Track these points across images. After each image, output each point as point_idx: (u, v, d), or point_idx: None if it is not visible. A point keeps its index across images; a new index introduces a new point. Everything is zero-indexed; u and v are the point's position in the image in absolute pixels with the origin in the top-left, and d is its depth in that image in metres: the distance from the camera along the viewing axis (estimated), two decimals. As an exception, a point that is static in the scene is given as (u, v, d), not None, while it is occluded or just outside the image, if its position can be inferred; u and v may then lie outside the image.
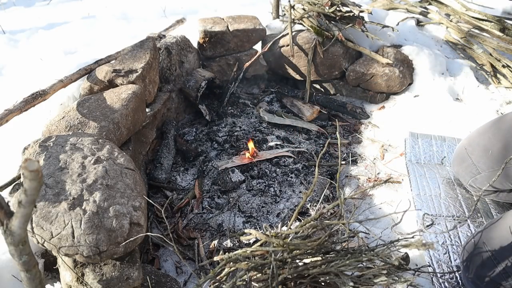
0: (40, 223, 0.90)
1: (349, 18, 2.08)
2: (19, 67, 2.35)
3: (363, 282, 0.73)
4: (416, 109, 1.96)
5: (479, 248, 1.00)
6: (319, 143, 1.84)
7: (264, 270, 0.75)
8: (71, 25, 3.23)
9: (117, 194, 1.01)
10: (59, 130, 1.26)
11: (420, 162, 1.61)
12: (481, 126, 1.38)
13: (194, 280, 1.21)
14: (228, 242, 1.31)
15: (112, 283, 0.91)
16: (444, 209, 1.36)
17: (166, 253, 1.31)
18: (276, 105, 2.17)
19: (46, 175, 1.00)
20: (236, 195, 1.49)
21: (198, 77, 1.97)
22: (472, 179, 1.35)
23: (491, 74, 2.26)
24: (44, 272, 1.11)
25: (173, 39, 1.97)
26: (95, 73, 1.56)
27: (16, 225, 0.59)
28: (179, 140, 1.80)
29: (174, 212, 1.45)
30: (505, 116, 1.30)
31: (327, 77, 2.24)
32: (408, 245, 0.71)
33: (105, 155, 1.11)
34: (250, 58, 2.17)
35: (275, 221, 1.39)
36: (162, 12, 3.40)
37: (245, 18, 2.24)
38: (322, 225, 0.80)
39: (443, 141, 1.72)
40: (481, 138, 1.32)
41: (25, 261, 0.65)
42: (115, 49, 1.80)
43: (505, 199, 1.33)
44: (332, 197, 1.52)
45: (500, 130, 1.26)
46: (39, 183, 0.53)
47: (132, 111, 1.40)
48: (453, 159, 1.45)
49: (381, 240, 0.86)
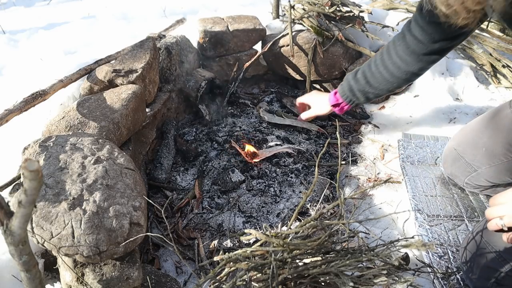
0: (40, 223, 0.90)
1: (349, 18, 2.08)
2: (19, 67, 2.34)
3: (363, 282, 0.73)
4: (416, 109, 1.96)
5: (482, 248, 0.99)
6: (319, 143, 1.84)
7: (264, 270, 0.75)
8: (71, 25, 3.22)
9: (117, 194, 1.01)
10: (59, 130, 1.26)
11: (414, 163, 1.61)
12: (466, 125, 1.39)
13: (194, 280, 1.21)
14: (228, 242, 1.31)
15: (112, 283, 0.91)
16: (442, 209, 1.36)
17: (166, 253, 1.31)
18: (276, 105, 2.17)
19: (46, 175, 1.00)
20: (236, 195, 1.49)
21: (198, 77, 1.97)
22: (467, 178, 1.35)
23: (491, 74, 2.26)
24: (44, 272, 1.11)
25: (173, 39, 1.97)
26: (95, 73, 1.56)
27: (16, 225, 0.59)
28: (179, 140, 1.80)
29: (174, 212, 1.45)
30: (490, 112, 1.30)
31: (327, 77, 2.24)
32: (408, 245, 0.71)
33: (105, 155, 1.11)
34: (250, 58, 2.17)
35: (275, 221, 1.39)
36: (162, 12, 3.39)
37: (245, 18, 2.24)
38: (322, 225, 0.80)
39: (436, 141, 1.73)
40: (470, 136, 1.33)
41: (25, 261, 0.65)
42: (115, 49, 1.79)
43: None
44: (332, 197, 1.52)
45: (489, 126, 1.27)
46: (39, 183, 0.53)
47: (132, 111, 1.40)
48: (444, 161, 1.45)
49: (381, 240, 0.86)
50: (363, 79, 1.36)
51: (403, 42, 1.23)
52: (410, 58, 1.21)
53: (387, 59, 1.27)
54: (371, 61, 1.36)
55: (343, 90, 1.46)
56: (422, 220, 1.31)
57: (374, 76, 1.33)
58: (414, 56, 1.20)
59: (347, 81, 1.43)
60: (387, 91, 1.37)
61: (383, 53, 1.30)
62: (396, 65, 1.25)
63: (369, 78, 1.34)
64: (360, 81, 1.37)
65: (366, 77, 1.35)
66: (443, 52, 1.21)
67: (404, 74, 1.26)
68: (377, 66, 1.31)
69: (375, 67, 1.32)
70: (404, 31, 1.23)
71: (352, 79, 1.40)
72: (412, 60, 1.21)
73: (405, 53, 1.22)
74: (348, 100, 1.45)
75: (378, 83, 1.32)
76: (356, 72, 1.41)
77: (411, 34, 1.18)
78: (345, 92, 1.45)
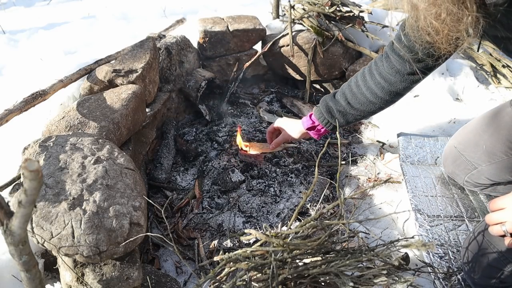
0: (40, 223, 0.90)
1: (349, 18, 2.08)
2: (19, 67, 2.34)
3: (363, 282, 0.73)
4: (416, 109, 1.96)
5: (484, 248, 0.99)
6: (319, 143, 1.84)
7: (264, 270, 0.75)
8: (71, 25, 3.23)
9: (117, 194, 1.01)
10: (59, 130, 1.26)
11: (414, 163, 1.61)
12: (467, 124, 1.39)
13: (194, 280, 1.21)
14: (228, 242, 1.31)
15: (112, 283, 0.91)
16: (442, 210, 1.36)
17: (166, 253, 1.31)
18: (276, 105, 2.17)
19: (46, 175, 1.00)
20: (236, 195, 1.49)
21: (198, 77, 1.97)
22: (468, 176, 1.36)
23: (491, 74, 2.26)
24: (44, 272, 1.11)
25: (173, 39, 1.97)
26: (95, 73, 1.56)
27: (16, 225, 0.59)
28: (179, 140, 1.80)
29: (174, 212, 1.45)
30: (490, 111, 1.31)
31: (327, 77, 2.24)
32: (408, 245, 0.71)
33: (105, 155, 1.11)
34: (250, 58, 2.17)
35: (275, 221, 1.39)
36: (162, 12, 3.39)
37: (245, 18, 2.24)
38: (322, 225, 0.80)
39: (436, 141, 1.73)
40: (471, 135, 1.33)
41: (25, 261, 0.65)
42: (115, 49, 1.80)
43: (502, 191, 1.33)
44: (332, 197, 1.52)
45: (489, 124, 1.27)
46: (39, 183, 0.53)
47: (132, 111, 1.40)
48: (444, 159, 1.45)
49: (381, 240, 0.86)
50: (344, 100, 1.29)
51: (386, 62, 1.20)
52: (395, 78, 1.19)
53: (370, 79, 1.24)
54: (351, 82, 1.29)
55: (320, 112, 1.34)
56: (423, 221, 1.31)
57: (356, 96, 1.27)
58: (399, 76, 1.18)
59: (324, 103, 1.34)
60: (369, 113, 1.30)
61: (365, 73, 1.26)
62: (380, 86, 1.21)
63: (349, 99, 1.28)
64: (339, 102, 1.30)
65: (347, 98, 1.28)
66: (428, 70, 1.18)
67: (388, 95, 1.22)
68: (359, 87, 1.26)
69: (357, 88, 1.27)
70: (387, 52, 1.21)
71: (330, 100, 1.32)
72: (396, 80, 1.19)
73: (389, 73, 1.19)
74: (325, 123, 1.34)
75: (360, 103, 1.26)
76: (334, 94, 1.34)
77: (396, 54, 1.16)
78: (322, 114, 1.34)
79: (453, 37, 0.81)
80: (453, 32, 0.79)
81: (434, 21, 0.78)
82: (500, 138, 1.23)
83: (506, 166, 1.24)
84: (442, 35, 0.81)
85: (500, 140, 1.23)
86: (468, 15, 0.74)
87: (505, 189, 1.32)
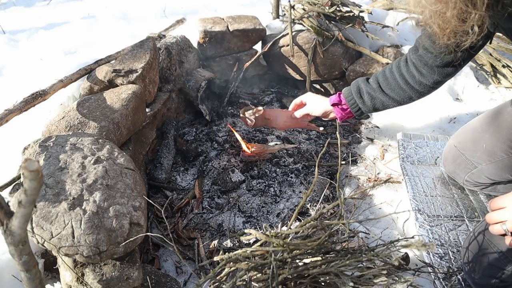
0: (40, 223, 0.90)
1: (349, 18, 2.08)
2: (19, 67, 2.34)
3: (363, 282, 0.73)
4: (416, 109, 1.96)
5: (484, 248, 0.99)
6: (319, 143, 1.84)
7: (264, 270, 0.75)
8: (71, 25, 3.22)
9: (117, 194, 1.01)
10: (59, 130, 1.26)
11: (414, 163, 1.61)
12: (467, 124, 1.39)
13: (194, 280, 1.21)
14: (228, 242, 1.31)
15: (112, 283, 0.91)
16: (442, 210, 1.36)
17: (166, 253, 1.31)
18: (276, 105, 2.17)
19: (46, 175, 1.00)
20: (236, 195, 1.49)
21: (198, 77, 1.97)
22: (468, 175, 1.36)
23: (491, 74, 2.26)
24: (44, 272, 1.11)
25: (173, 39, 1.97)
26: (95, 73, 1.56)
27: (16, 225, 0.59)
28: (179, 140, 1.80)
29: (174, 212, 1.45)
30: (490, 111, 1.31)
31: (327, 77, 2.24)
32: (408, 245, 0.71)
33: (105, 155, 1.11)
34: (250, 58, 2.17)
35: (275, 221, 1.39)
36: (162, 12, 3.39)
37: (245, 18, 2.24)
38: (322, 225, 0.80)
39: (436, 141, 1.73)
40: (471, 134, 1.33)
41: (25, 261, 0.65)
42: (115, 49, 1.80)
43: (502, 190, 1.33)
44: (332, 197, 1.52)
45: (489, 124, 1.28)
46: (39, 183, 0.53)
47: (132, 111, 1.40)
48: (444, 159, 1.46)
49: (381, 240, 0.86)
50: (375, 83, 1.30)
51: (415, 54, 1.20)
52: (425, 70, 1.19)
53: (403, 66, 1.24)
54: (386, 68, 1.30)
55: (349, 92, 1.35)
56: (423, 221, 1.31)
57: (388, 81, 1.27)
58: (428, 68, 1.18)
59: (356, 84, 1.35)
60: (397, 102, 1.30)
61: (400, 61, 1.27)
62: (411, 74, 1.21)
63: (381, 83, 1.28)
64: (371, 85, 1.31)
65: (379, 82, 1.29)
66: (460, 64, 1.14)
67: (418, 85, 1.22)
68: (392, 73, 1.27)
69: (390, 73, 1.28)
70: (416, 44, 1.21)
71: (362, 82, 1.33)
72: (426, 72, 1.19)
73: (419, 65, 1.20)
74: (352, 103, 1.34)
75: (391, 89, 1.27)
76: (368, 78, 1.35)
77: (423, 47, 1.16)
78: (350, 93, 1.34)
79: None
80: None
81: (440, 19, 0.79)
82: (500, 137, 1.23)
83: (506, 165, 1.24)
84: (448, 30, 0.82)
85: (500, 139, 1.23)
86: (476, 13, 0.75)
87: (505, 189, 1.32)
